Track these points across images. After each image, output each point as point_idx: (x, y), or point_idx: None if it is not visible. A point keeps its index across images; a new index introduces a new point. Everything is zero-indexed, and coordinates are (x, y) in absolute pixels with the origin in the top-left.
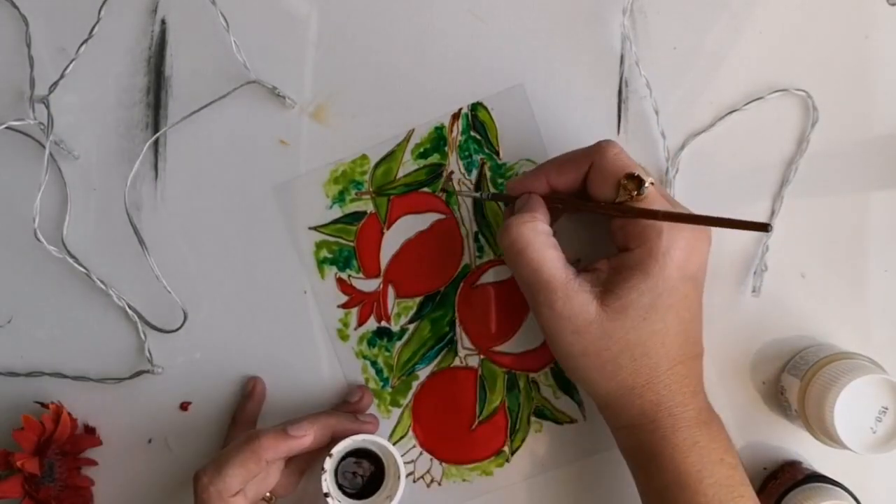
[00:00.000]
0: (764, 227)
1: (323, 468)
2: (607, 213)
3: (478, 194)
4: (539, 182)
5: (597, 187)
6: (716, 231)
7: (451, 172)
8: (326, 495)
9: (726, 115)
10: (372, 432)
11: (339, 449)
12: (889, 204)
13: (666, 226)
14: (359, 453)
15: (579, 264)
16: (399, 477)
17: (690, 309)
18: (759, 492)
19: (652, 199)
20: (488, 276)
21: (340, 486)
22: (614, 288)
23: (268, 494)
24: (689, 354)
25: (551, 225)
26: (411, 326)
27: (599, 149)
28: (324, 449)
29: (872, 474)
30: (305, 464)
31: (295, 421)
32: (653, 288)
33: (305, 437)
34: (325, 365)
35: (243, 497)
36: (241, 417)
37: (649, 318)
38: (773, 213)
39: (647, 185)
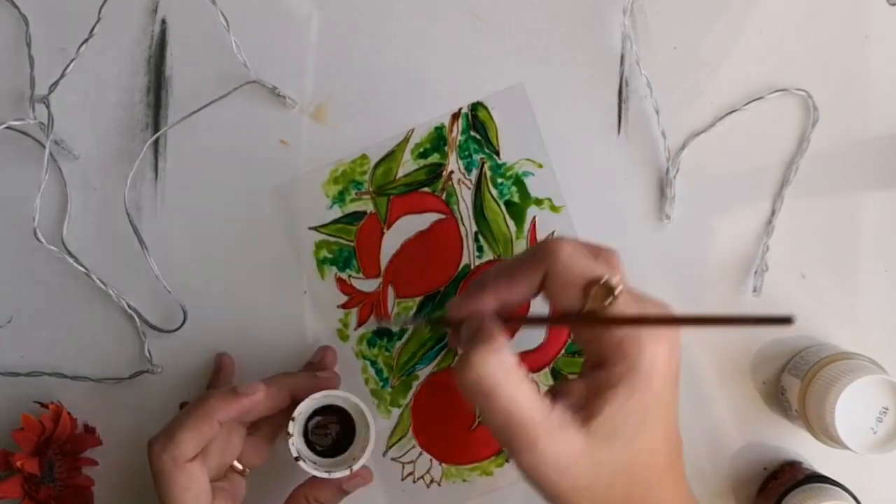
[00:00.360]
0: (787, 321)
1: (288, 433)
2: (579, 325)
3: (418, 322)
4: (487, 301)
5: (557, 297)
6: (715, 230)
7: (451, 172)
8: (297, 459)
9: (726, 115)
10: (333, 387)
11: (301, 410)
12: (889, 204)
13: (644, 333)
14: (326, 411)
15: None
16: (368, 426)
17: (673, 412)
18: (759, 492)
19: (624, 301)
20: None
21: (312, 446)
22: (598, 412)
23: (239, 466)
24: (674, 455)
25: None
26: (411, 327)
27: (550, 252)
28: (288, 412)
29: (873, 475)
30: (274, 431)
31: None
32: (639, 405)
33: (256, 395)
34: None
35: (201, 463)
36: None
37: (639, 436)
38: (773, 212)
39: (617, 290)
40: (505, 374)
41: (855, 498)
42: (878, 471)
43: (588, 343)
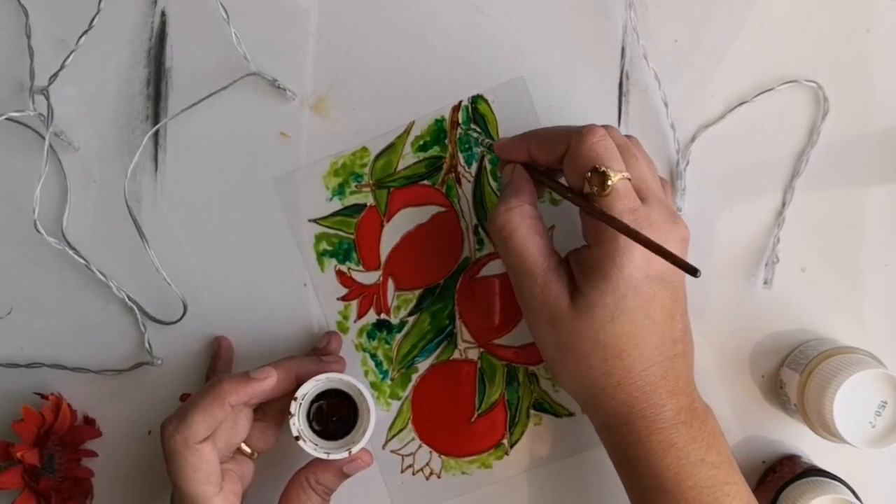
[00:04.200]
0: (692, 272)
1: (290, 413)
2: (571, 202)
3: (482, 143)
4: (520, 150)
5: (567, 173)
6: (724, 222)
7: (454, 165)
8: (297, 439)
9: (736, 106)
10: (338, 372)
11: (304, 391)
12: (892, 198)
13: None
14: (331, 395)
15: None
16: (369, 410)
17: (663, 310)
18: (758, 485)
19: (617, 196)
20: (488, 269)
21: (317, 431)
22: (580, 285)
23: (248, 449)
24: (667, 354)
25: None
26: (411, 319)
27: (579, 134)
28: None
29: (871, 469)
30: (282, 415)
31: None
32: (614, 289)
33: (268, 380)
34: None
35: (211, 444)
36: (212, 377)
37: (617, 319)
38: (784, 204)
39: (610, 182)
40: (522, 221)
41: (853, 492)
42: (876, 465)
43: (584, 223)
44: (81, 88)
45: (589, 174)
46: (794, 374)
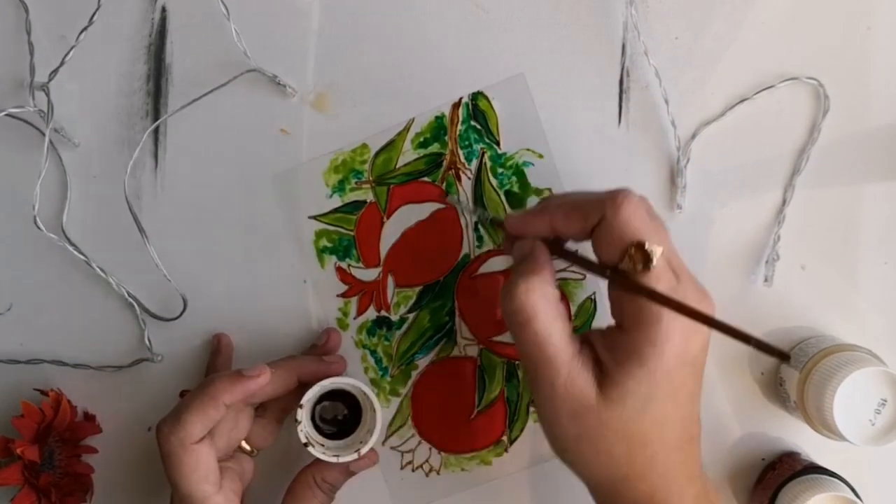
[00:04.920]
0: (784, 357)
1: (297, 420)
2: (607, 279)
3: (479, 215)
4: (542, 224)
5: (601, 246)
6: (725, 220)
7: (454, 162)
8: (306, 445)
9: (737, 104)
10: (339, 372)
11: (309, 398)
12: (891, 195)
13: (665, 308)
14: (333, 395)
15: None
16: (375, 410)
17: (688, 393)
18: (757, 483)
19: (658, 275)
20: (488, 266)
21: (320, 430)
22: (611, 372)
23: (248, 447)
24: (685, 438)
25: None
26: (411, 316)
27: (615, 203)
28: (295, 395)
29: (871, 466)
30: (282, 412)
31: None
32: (649, 376)
33: (261, 377)
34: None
35: (209, 444)
36: (212, 373)
37: (648, 408)
38: (784, 202)
39: (654, 260)
40: (545, 306)
41: (853, 489)
42: (875, 462)
43: (615, 302)
44: (81, 84)
45: (633, 250)
46: (794, 371)
